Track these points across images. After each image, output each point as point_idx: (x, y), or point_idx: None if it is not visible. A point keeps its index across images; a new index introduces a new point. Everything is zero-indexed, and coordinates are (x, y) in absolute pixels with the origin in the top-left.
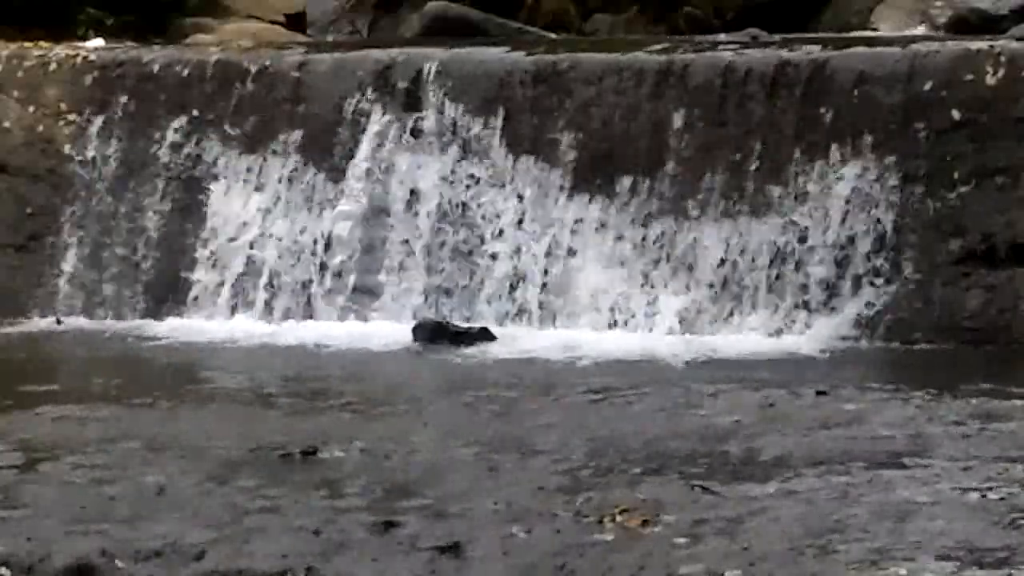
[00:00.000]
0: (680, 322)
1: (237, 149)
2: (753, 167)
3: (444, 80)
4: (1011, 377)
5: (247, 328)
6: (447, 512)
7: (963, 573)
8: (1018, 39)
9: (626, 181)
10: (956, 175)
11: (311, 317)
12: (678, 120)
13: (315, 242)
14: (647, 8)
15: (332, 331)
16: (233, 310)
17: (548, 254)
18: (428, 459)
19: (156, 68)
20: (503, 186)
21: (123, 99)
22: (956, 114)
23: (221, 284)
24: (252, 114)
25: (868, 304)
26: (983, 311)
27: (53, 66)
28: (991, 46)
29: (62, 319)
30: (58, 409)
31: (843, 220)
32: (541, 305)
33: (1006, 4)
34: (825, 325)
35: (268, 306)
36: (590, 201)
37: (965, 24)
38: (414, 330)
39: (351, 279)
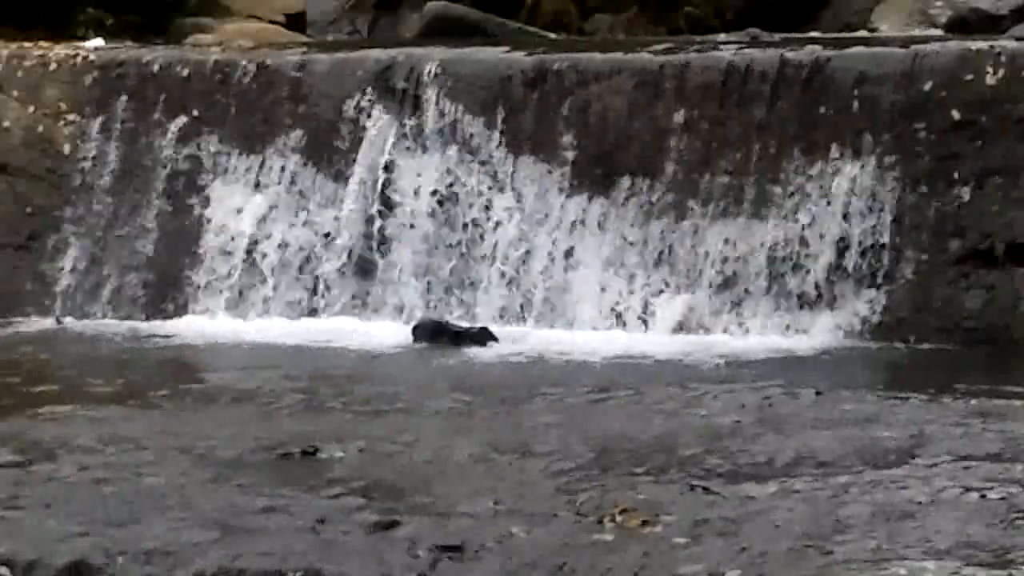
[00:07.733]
0: (680, 322)
1: (237, 149)
2: (753, 167)
3: (444, 80)
4: (1011, 377)
5: (247, 328)
6: (447, 512)
7: (963, 573)
8: (1018, 39)
9: (626, 181)
10: (956, 175)
11: (311, 317)
12: (678, 120)
13: (315, 242)
14: (647, 8)
15: (332, 331)
16: (233, 310)
17: (548, 254)
18: (428, 459)
19: (156, 68)
20: (503, 186)
21: (123, 99)
22: (956, 114)
23: (221, 284)
24: (252, 114)
25: (868, 304)
26: (983, 311)
27: (53, 66)
28: (991, 46)
29: (62, 319)
30: (58, 409)
31: (843, 220)
32: (541, 305)
33: (1006, 4)
34: (825, 325)
35: (268, 306)
36: (590, 201)
37: (965, 24)
38: (414, 330)
39: (351, 279)
